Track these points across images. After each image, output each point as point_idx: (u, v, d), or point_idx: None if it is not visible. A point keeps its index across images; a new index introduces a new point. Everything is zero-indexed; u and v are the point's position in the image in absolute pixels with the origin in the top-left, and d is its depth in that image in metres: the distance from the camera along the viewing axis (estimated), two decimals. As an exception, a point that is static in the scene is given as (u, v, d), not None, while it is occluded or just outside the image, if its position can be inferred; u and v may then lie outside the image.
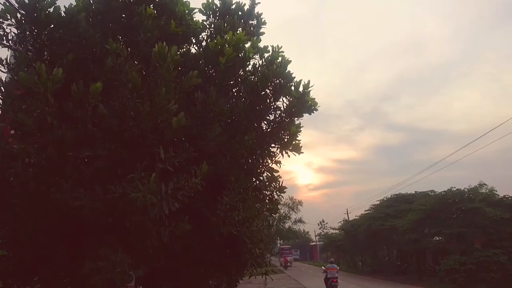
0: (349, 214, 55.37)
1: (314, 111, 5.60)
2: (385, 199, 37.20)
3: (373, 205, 38.99)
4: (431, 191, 30.71)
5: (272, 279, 5.93)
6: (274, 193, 5.99)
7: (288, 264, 53.51)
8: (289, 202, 64.23)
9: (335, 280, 19.88)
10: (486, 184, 27.79)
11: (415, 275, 31.86)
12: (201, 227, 4.69)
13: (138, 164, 3.56)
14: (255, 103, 5.27)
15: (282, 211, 63.98)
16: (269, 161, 5.82)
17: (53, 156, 3.49)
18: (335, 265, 21.34)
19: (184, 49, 5.49)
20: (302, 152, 5.51)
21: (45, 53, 4.55)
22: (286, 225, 65.75)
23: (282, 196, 6.16)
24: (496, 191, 27.63)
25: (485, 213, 23.13)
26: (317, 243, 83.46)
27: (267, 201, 5.97)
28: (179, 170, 3.93)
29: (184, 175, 3.79)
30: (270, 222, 6.33)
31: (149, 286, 5.54)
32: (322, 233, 69.30)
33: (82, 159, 3.68)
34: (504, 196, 26.60)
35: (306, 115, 5.63)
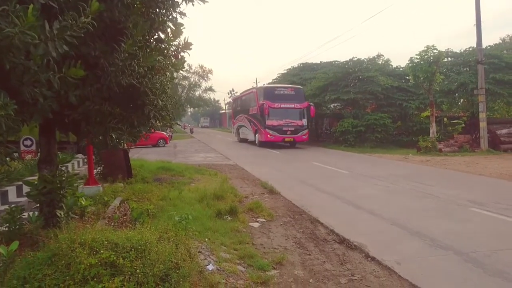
0: (258, 83, 56.88)
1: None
2: (292, 68, 38.43)
3: (280, 74, 40.18)
4: (335, 61, 32.29)
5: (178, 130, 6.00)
6: (180, 49, 5.74)
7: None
8: (199, 70, 63.44)
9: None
10: (383, 55, 30.00)
11: (313, 137, 35.27)
12: (99, 77, 4.42)
13: (11, -4, 3.04)
14: None
15: (192, 79, 63.36)
16: (172, 12, 5.43)
17: None
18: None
19: None
20: (208, 1, 5.18)
21: None
22: (197, 94, 65.99)
23: (187, 53, 5.96)
24: (391, 62, 30.17)
25: (378, 81, 25.38)
26: (227, 111, 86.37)
27: (172, 58, 5.75)
28: (64, 7, 3.48)
29: (71, 13, 3.36)
30: (175, 75, 6.18)
31: (48, 139, 5.34)
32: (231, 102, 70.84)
33: None
34: (396, 66, 29.20)
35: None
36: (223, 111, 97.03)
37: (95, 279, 3.11)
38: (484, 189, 10.47)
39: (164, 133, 30.01)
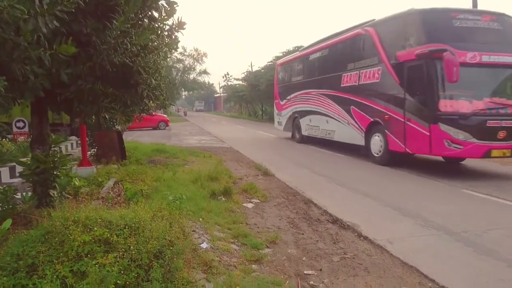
0: (253, 67, 56.27)
1: None
2: (287, 51, 38.15)
3: (275, 56, 39.90)
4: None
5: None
6: (174, 30, 5.66)
7: None
8: (194, 53, 62.67)
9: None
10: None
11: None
12: (91, 55, 4.36)
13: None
14: None
15: (186, 62, 62.67)
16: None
17: None
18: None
19: None
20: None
21: None
22: (191, 77, 65.36)
23: (181, 33, 5.88)
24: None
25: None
26: (221, 94, 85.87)
27: (166, 38, 5.68)
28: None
29: (60, -13, 3.29)
30: (169, 55, 6.11)
31: (40, 118, 5.28)
32: (226, 85, 70.44)
33: None
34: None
35: None
36: (217, 95, 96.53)
37: (89, 255, 3.12)
38: (476, 172, 10.58)
39: (165, 115, 29.95)
